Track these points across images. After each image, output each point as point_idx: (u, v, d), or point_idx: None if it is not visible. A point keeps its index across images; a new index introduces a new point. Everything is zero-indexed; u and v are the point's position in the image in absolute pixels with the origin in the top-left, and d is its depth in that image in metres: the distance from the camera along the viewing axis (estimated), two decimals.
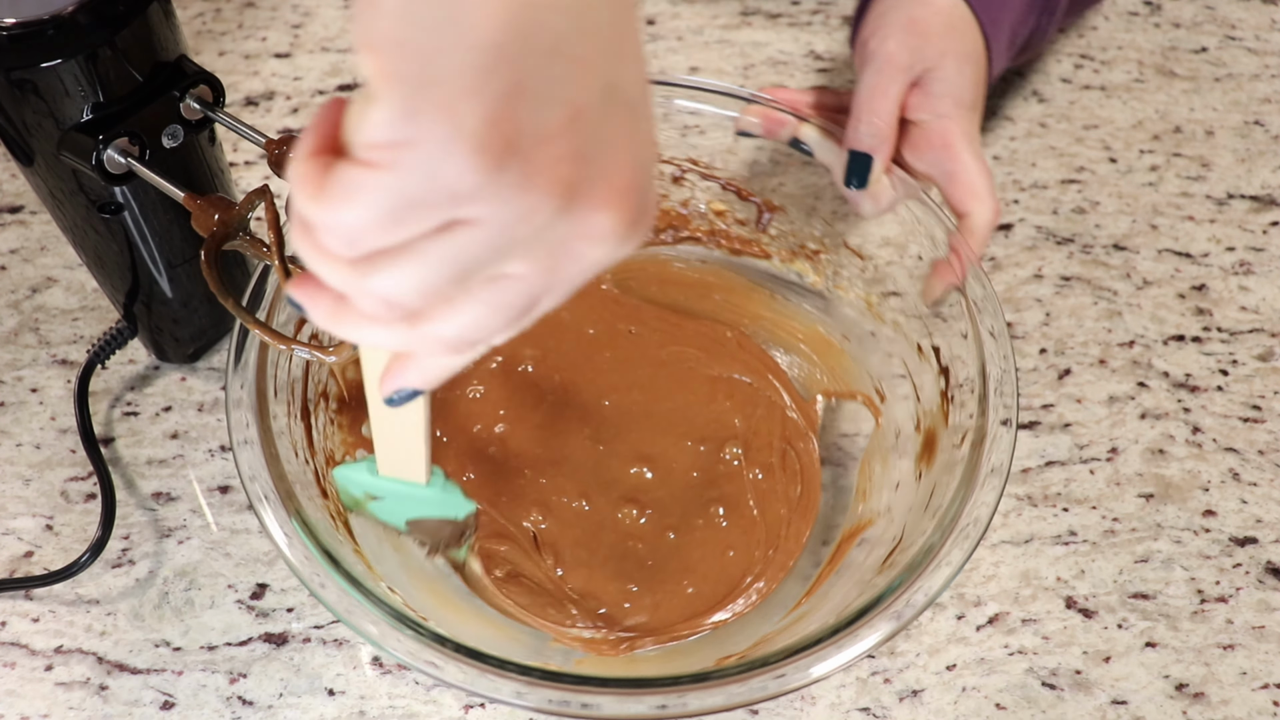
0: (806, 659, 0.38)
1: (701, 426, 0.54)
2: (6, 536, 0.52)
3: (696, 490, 0.52)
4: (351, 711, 0.47)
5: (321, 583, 0.39)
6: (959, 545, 0.41)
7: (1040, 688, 0.49)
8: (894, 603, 0.39)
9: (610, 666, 0.47)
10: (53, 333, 0.58)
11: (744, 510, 0.51)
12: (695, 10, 0.73)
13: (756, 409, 0.55)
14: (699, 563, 0.50)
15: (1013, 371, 0.45)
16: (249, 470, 0.41)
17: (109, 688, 0.48)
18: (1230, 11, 0.75)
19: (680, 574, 0.50)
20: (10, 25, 0.39)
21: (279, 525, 0.40)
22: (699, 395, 0.55)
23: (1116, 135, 0.69)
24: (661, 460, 0.53)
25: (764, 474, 0.52)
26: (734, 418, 0.54)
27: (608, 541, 0.51)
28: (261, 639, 0.49)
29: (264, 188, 0.39)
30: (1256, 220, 0.65)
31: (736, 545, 0.51)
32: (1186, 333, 0.60)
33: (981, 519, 0.41)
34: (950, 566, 0.40)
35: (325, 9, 0.72)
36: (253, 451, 0.42)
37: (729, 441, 0.53)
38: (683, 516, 0.51)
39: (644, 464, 0.53)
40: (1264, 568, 0.53)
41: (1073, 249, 0.63)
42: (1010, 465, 0.42)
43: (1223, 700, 0.49)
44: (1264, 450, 0.56)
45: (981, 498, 0.42)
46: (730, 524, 0.51)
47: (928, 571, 0.40)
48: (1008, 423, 0.43)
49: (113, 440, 0.54)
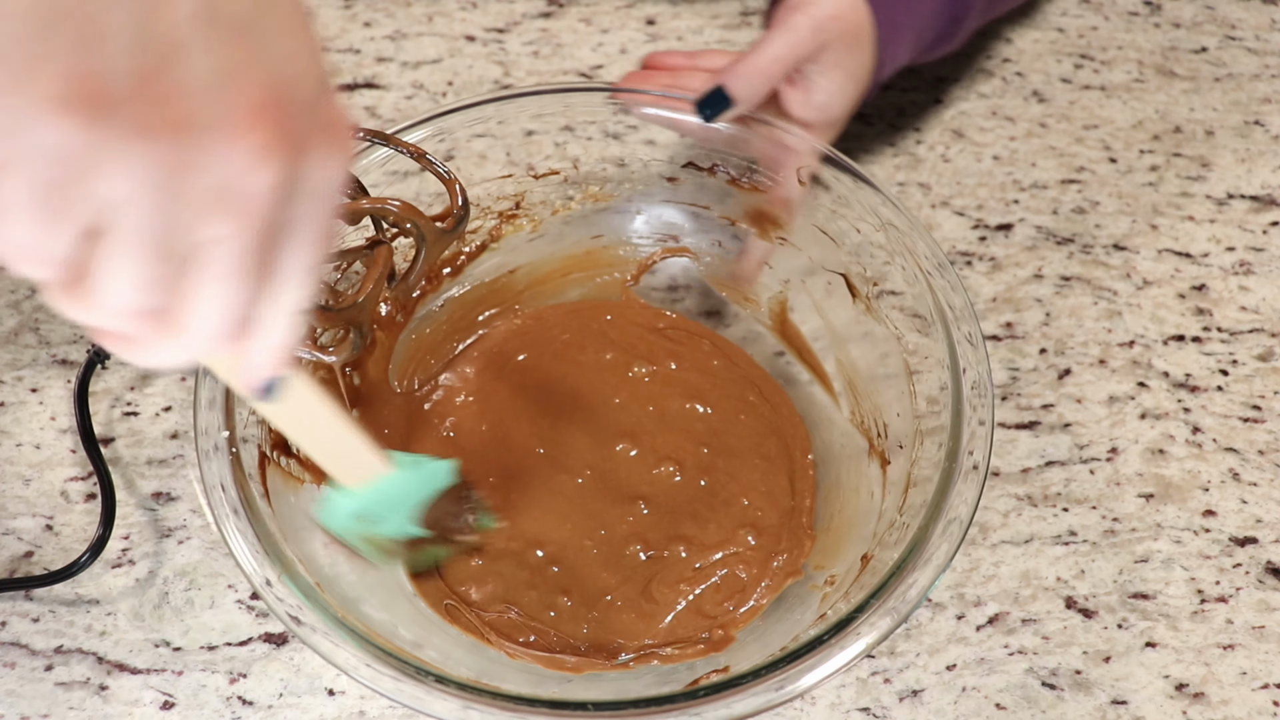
0: (805, 664, 0.39)
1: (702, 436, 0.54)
2: (6, 536, 0.52)
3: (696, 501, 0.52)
4: (351, 711, 0.47)
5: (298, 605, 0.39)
6: (947, 540, 0.41)
7: (1040, 688, 0.49)
8: (888, 599, 0.40)
9: (603, 688, 0.47)
10: (53, 333, 0.58)
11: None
12: (695, 10, 0.73)
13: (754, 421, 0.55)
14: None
15: (987, 375, 0.45)
16: (214, 480, 0.42)
17: (109, 688, 0.48)
18: (1230, 11, 0.75)
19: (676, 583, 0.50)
20: None
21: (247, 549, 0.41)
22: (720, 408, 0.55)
23: (1116, 135, 0.69)
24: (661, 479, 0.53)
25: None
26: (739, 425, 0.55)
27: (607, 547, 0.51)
28: (261, 639, 0.49)
29: None
30: (1256, 220, 0.65)
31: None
32: (1186, 333, 0.60)
33: (964, 517, 0.42)
34: (938, 562, 0.41)
35: (325, 9, 0.73)
36: (221, 460, 0.42)
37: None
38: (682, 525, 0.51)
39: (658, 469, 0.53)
40: (1264, 568, 0.53)
41: (1073, 249, 0.63)
42: (988, 463, 0.43)
43: (1223, 700, 0.49)
44: (1264, 450, 0.56)
45: (964, 494, 0.42)
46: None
47: (916, 567, 0.41)
48: (984, 423, 0.44)
49: (113, 440, 0.54)
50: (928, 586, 0.40)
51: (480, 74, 0.69)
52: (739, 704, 0.38)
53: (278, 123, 0.24)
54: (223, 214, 0.24)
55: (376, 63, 0.70)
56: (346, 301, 0.39)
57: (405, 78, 0.69)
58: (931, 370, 0.47)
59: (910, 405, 0.48)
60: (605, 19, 0.73)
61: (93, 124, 0.21)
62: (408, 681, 0.38)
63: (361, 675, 0.38)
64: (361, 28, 0.72)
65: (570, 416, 0.54)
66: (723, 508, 0.52)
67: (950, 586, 0.51)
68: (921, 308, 0.48)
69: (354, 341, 0.40)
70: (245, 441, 0.43)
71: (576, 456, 0.53)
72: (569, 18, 0.73)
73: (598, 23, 0.72)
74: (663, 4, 0.74)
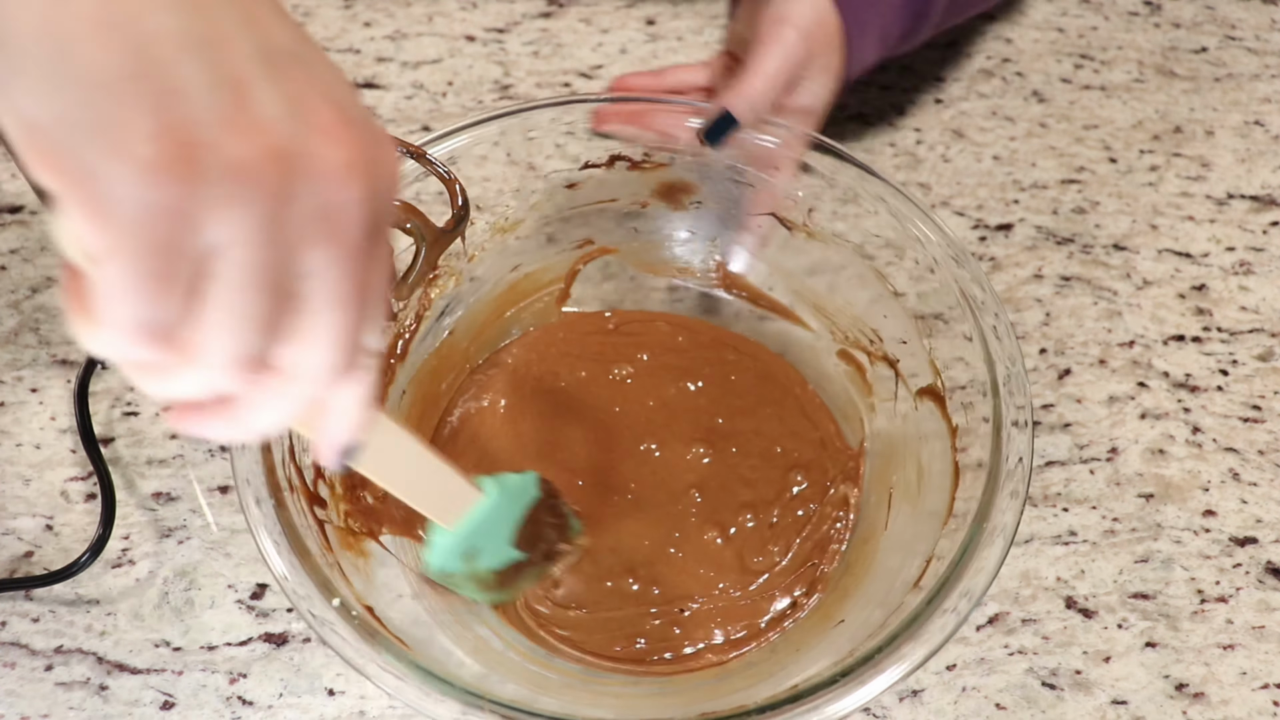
0: (851, 684, 0.38)
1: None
2: (6, 536, 0.52)
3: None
4: (351, 711, 0.47)
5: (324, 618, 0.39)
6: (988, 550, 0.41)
7: (1040, 688, 0.49)
8: (927, 623, 0.39)
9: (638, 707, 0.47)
10: (53, 333, 0.58)
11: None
12: (695, 10, 0.73)
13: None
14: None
15: (1023, 373, 0.45)
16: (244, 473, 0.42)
17: (109, 688, 0.48)
18: (1230, 11, 0.75)
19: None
20: None
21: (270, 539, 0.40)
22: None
23: (1116, 135, 0.69)
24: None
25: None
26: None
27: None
28: (261, 639, 0.49)
29: None
30: (1256, 220, 0.65)
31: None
32: (1186, 333, 0.60)
33: (1008, 525, 0.41)
34: (985, 573, 0.40)
35: (325, 9, 0.73)
36: (250, 455, 0.42)
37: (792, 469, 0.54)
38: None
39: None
40: (1264, 568, 0.53)
41: (1073, 249, 0.63)
42: (1027, 486, 0.42)
43: (1223, 700, 0.49)
44: (1264, 450, 0.56)
45: (1003, 509, 0.42)
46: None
47: (964, 578, 0.40)
48: (1015, 494, 0.43)
49: (113, 440, 0.54)
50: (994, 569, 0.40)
51: (480, 74, 0.69)
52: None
53: (352, 139, 0.24)
54: (325, 237, 0.24)
55: (376, 63, 0.70)
56: None
57: (405, 78, 0.69)
58: (906, 253, 0.49)
59: (896, 305, 0.49)
60: (605, 19, 0.73)
61: (191, 175, 0.21)
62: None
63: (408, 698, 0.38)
64: (361, 28, 0.72)
65: (585, 441, 0.54)
66: (763, 464, 0.53)
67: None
68: (884, 228, 0.49)
69: None
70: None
71: (614, 474, 0.53)
72: (569, 18, 0.73)
73: (598, 23, 0.72)
74: (663, 4, 0.74)
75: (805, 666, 0.42)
